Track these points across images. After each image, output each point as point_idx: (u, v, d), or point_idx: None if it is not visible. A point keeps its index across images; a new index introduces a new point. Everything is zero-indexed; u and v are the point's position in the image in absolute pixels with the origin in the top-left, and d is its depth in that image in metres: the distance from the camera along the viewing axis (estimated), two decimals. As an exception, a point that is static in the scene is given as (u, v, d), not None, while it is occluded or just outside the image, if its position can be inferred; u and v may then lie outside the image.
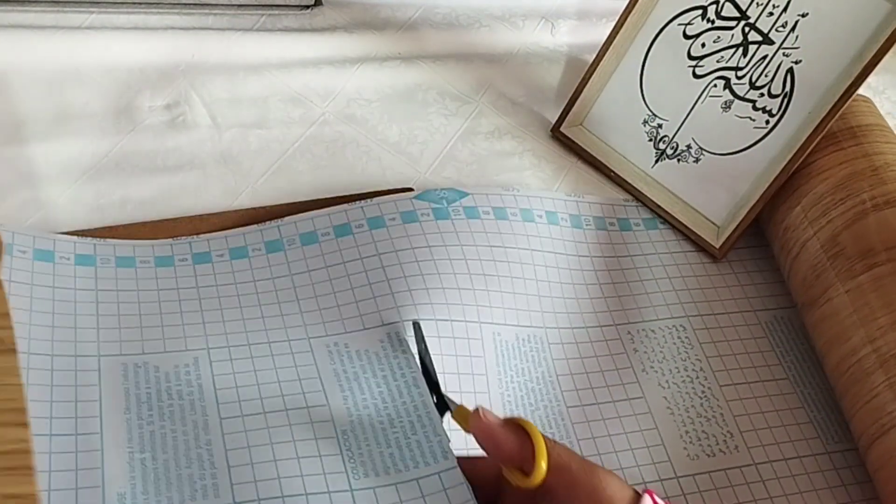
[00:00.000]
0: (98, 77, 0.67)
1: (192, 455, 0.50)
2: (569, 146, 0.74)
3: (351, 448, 0.51)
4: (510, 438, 0.46)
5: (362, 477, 0.50)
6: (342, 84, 0.73)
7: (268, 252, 0.61)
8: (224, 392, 0.53)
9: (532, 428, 0.46)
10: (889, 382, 0.58)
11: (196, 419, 0.52)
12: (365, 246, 0.61)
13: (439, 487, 0.49)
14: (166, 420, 0.51)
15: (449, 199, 0.66)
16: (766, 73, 0.67)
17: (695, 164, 0.71)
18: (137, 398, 0.52)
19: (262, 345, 0.56)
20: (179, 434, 0.51)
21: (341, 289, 0.59)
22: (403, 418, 0.52)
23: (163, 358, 0.54)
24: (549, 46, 0.82)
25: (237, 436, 0.51)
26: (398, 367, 0.55)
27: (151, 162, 0.64)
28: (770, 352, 0.67)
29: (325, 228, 0.62)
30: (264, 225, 0.62)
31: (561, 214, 0.69)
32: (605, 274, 0.68)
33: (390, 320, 0.57)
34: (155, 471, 0.49)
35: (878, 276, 0.61)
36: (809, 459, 0.62)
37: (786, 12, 0.65)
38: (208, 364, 0.55)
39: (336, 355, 0.56)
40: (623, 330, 0.65)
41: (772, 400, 0.65)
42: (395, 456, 0.51)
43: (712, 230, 0.71)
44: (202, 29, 0.72)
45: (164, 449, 0.50)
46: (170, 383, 0.53)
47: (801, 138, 0.66)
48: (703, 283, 0.69)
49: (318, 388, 0.54)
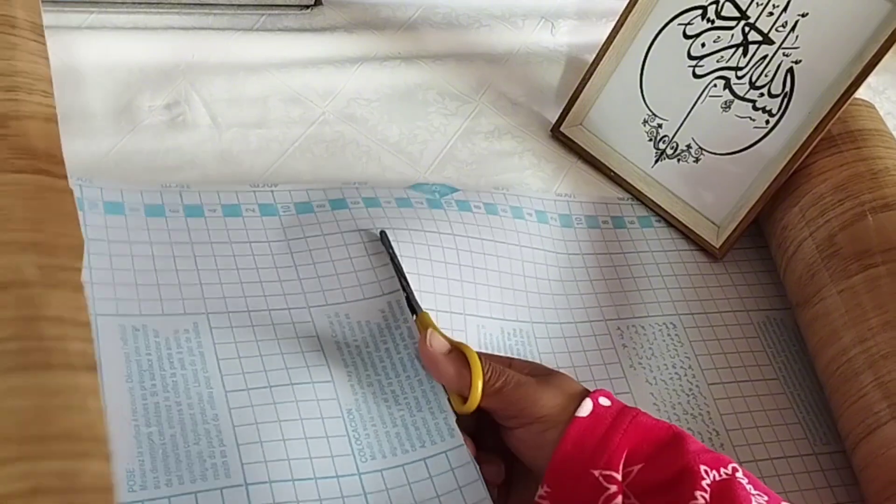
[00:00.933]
0: (98, 77, 0.67)
1: (200, 431, 0.48)
2: (569, 146, 0.74)
3: (357, 429, 0.50)
4: (451, 368, 0.49)
5: (369, 459, 0.49)
6: (342, 84, 0.73)
7: (262, 215, 0.60)
8: (227, 363, 0.52)
9: (472, 356, 0.49)
10: (877, 382, 0.58)
11: (200, 391, 0.50)
12: (362, 220, 0.61)
13: (447, 467, 0.49)
14: (170, 391, 0.50)
15: (441, 193, 0.66)
16: (766, 73, 0.67)
17: (695, 164, 0.71)
18: (139, 365, 0.50)
19: (262, 312, 0.55)
20: (185, 407, 0.49)
21: (339, 257, 0.59)
22: (408, 394, 0.52)
23: (162, 321, 0.53)
24: (549, 46, 0.82)
25: (244, 411, 0.50)
26: (400, 338, 0.54)
27: (151, 162, 0.64)
28: (761, 352, 0.67)
29: (321, 201, 0.62)
30: (257, 186, 0.61)
31: (550, 214, 0.69)
32: (597, 271, 0.68)
33: (391, 290, 0.57)
34: (163, 447, 0.47)
35: (872, 278, 0.61)
36: (796, 460, 0.63)
37: (786, 12, 0.65)
38: (208, 331, 0.53)
39: (337, 326, 0.55)
40: (612, 326, 0.65)
41: (760, 400, 0.65)
42: (402, 436, 0.50)
43: (712, 230, 0.71)
44: (202, 29, 0.72)
45: (171, 423, 0.48)
46: (171, 350, 0.51)
47: (801, 138, 0.66)
48: (697, 282, 0.70)
49: (322, 363, 0.53)
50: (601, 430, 0.47)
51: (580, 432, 0.47)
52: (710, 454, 0.48)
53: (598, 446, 0.47)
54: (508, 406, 0.48)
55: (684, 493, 0.45)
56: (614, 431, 0.47)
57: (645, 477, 0.47)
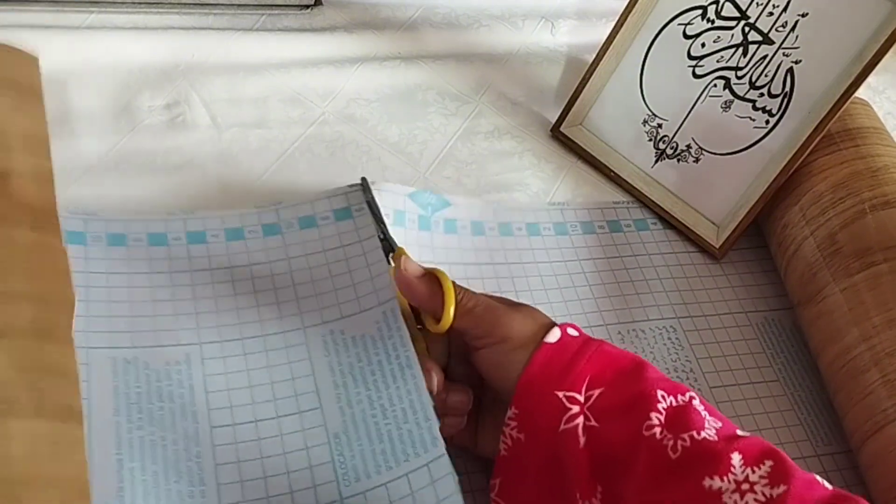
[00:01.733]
0: (98, 77, 0.67)
1: (182, 468, 0.49)
2: (569, 146, 0.74)
3: (343, 453, 0.51)
4: (424, 288, 0.52)
5: (353, 482, 0.50)
6: (342, 84, 0.73)
7: (265, 235, 0.60)
8: (215, 396, 0.52)
9: (444, 279, 0.52)
10: (884, 380, 0.58)
11: (187, 427, 0.51)
12: (364, 228, 0.60)
13: (427, 480, 0.49)
14: (156, 426, 0.50)
15: (435, 207, 0.66)
16: (765, 73, 0.67)
17: (695, 164, 0.71)
18: (127, 398, 0.50)
19: (256, 339, 0.55)
20: (170, 443, 0.50)
21: (339, 272, 0.59)
22: (396, 406, 0.52)
23: (154, 353, 0.53)
24: (548, 46, 0.82)
25: (227, 449, 0.50)
26: (392, 348, 0.54)
27: (151, 162, 0.64)
28: (761, 353, 0.67)
29: (325, 213, 0.61)
30: (262, 207, 0.61)
31: (543, 224, 0.69)
32: (595, 276, 0.68)
33: (386, 298, 0.56)
34: (144, 483, 0.48)
35: (873, 276, 0.61)
36: (799, 462, 0.61)
37: (786, 12, 0.65)
38: (200, 363, 0.53)
39: (332, 345, 0.55)
40: (613, 330, 0.65)
41: (762, 402, 0.65)
42: (387, 451, 0.51)
43: (712, 229, 0.71)
44: (202, 29, 0.72)
45: (154, 459, 0.49)
46: (160, 383, 0.52)
47: (801, 138, 0.66)
48: (695, 285, 0.69)
49: (312, 389, 0.54)
50: (567, 355, 0.50)
51: (547, 357, 0.50)
52: (668, 382, 0.50)
53: (564, 369, 0.50)
54: (479, 325, 0.51)
55: (640, 415, 0.48)
56: (580, 357, 0.50)
57: (605, 401, 0.49)
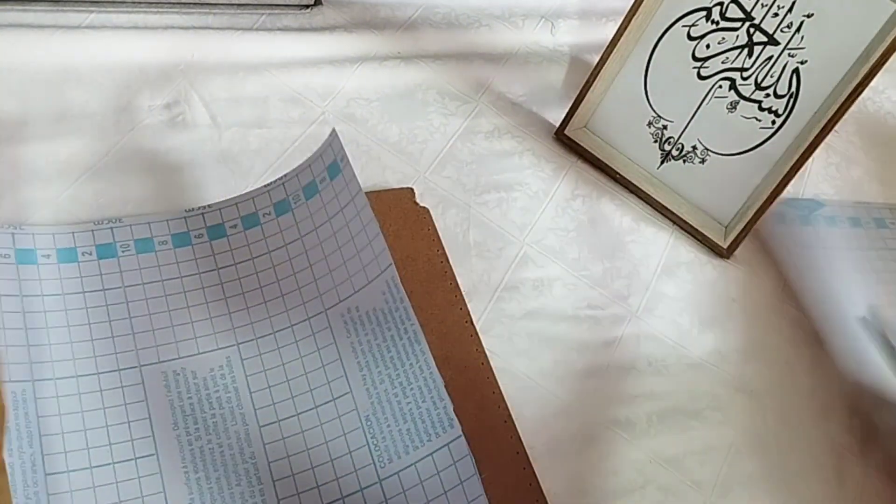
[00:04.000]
0: (98, 77, 0.66)
1: (241, 471, 0.51)
2: (572, 148, 0.74)
3: (375, 435, 0.52)
4: None
5: (387, 463, 0.51)
6: (342, 84, 0.73)
7: (277, 215, 0.60)
8: (258, 395, 0.54)
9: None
10: None
11: (238, 429, 0.53)
12: (352, 181, 0.60)
13: (450, 461, 0.51)
14: (212, 434, 0.52)
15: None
16: (771, 74, 0.66)
17: (701, 165, 0.71)
18: (182, 410, 0.53)
19: (286, 331, 0.56)
20: (226, 448, 0.52)
21: (344, 241, 0.59)
22: (413, 384, 0.53)
23: (198, 361, 0.55)
24: (549, 46, 0.82)
25: (276, 445, 0.52)
26: (400, 321, 0.55)
27: (151, 161, 0.64)
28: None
29: (321, 174, 0.61)
30: (270, 185, 0.61)
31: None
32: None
33: (386, 265, 0.57)
34: (210, 491, 0.50)
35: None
36: None
37: (791, 13, 0.65)
38: (240, 364, 0.55)
39: (350, 324, 0.56)
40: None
41: None
42: (412, 431, 0.52)
43: (719, 230, 0.71)
44: (202, 28, 0.72)
45: (215, 466, 0.51)
46: (208, 390, 0.54)
47: (808, 138, 0.66)
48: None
49: (341, 374, 0.55)
50: None
51: None
52: None
53: None
54: None
55: None
56: None
57: None
